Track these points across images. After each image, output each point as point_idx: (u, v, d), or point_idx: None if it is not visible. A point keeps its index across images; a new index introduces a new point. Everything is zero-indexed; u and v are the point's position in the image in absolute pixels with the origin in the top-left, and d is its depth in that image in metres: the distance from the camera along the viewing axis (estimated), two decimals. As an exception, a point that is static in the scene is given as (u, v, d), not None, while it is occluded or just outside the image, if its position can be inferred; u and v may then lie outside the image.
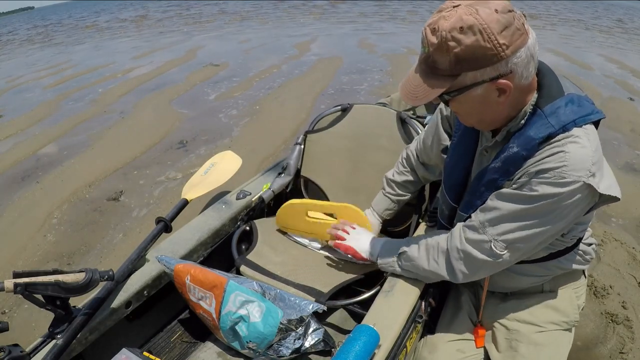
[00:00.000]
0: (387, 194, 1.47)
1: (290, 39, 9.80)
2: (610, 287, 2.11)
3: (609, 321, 1.92)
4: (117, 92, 6.15)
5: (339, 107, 1.79)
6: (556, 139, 0.83)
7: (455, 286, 1.33)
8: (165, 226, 1.46)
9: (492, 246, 0.93)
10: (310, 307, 1.11)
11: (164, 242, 1.42)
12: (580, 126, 0.83)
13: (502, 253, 0.93)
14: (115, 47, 10.80)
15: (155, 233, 1.41)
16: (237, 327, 1.15)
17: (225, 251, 1.51)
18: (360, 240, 1.28)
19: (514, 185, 0.89)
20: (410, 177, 1.43)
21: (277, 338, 1.12)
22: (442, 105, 1.21)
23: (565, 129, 0.83)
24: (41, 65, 9.10)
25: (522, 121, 0.88)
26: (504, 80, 0.79)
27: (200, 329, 1.35)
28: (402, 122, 1.64)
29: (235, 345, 1.21)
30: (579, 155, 0.81)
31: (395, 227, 1.65)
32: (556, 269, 1.10)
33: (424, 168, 1.40)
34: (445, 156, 1.18)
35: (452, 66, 0.78)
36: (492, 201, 0.94)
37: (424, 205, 1.57)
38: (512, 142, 0.89)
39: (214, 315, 1.18)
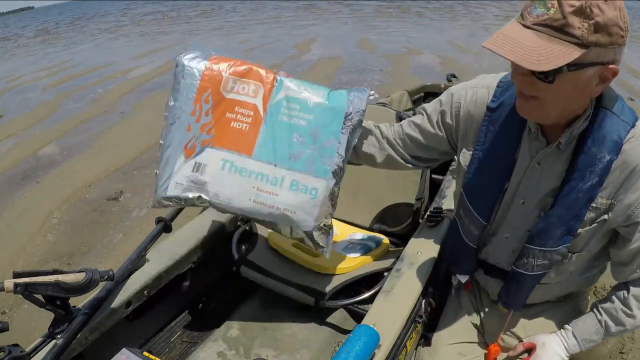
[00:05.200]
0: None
1: (290, 38, 9.80)
2: (610, 286, 2.09)
3: (609, 321, 1.92)
4: (117, 92, 6.15)
5: (339, 107, 1.78)
6: (630, 134, 0.86)
7: (456, 287, 1.32)
8: (165, 226, 1.46)
9: None
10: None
11: (164, 242, 1.42)
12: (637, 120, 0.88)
13: None
14: (115, 47, 10.80)
15: (155, 233, 1.41)
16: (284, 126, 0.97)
17: (225, 251, 1.51)
18: (545, 351, 1.06)
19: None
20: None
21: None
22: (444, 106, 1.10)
23: (633, 125, 0.86)
24: (41, 65, 9.10)
25: (586, 122, 0.86)
26: (614, 66, 0.76)
27: (201, 329, 1.35)
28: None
29: (269, 158, 0.98)
30: None
31: (395, 227, 1.65)
32: (582, 283, 1.15)
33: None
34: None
35: (587, 35, 0.71)
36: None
37: (424, 205, 1.57)
38: (596, 149, 0.85)
39: (260, 107, 0.97)
